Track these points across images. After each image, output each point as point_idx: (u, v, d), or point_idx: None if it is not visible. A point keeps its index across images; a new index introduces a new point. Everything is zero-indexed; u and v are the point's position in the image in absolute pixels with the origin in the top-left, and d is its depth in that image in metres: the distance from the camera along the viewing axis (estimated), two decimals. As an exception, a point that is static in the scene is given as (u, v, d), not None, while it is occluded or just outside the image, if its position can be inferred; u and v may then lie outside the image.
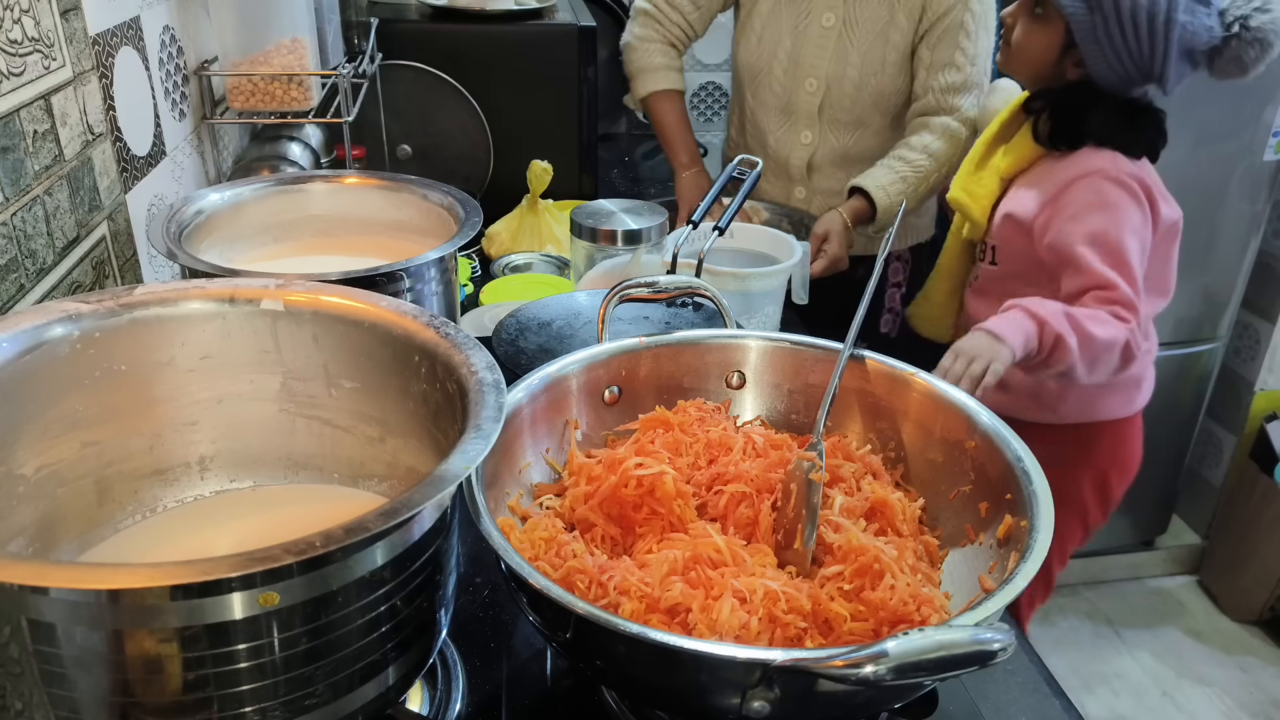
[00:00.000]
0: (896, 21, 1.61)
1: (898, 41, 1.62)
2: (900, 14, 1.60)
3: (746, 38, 1.74)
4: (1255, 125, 2.17)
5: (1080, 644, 2.40)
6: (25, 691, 0.50)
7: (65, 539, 0.66)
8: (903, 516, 0.76)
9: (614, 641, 0.57)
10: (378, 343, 0.70)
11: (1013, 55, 1.47)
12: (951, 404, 0.78)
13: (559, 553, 0.70)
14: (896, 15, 1.61)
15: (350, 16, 1.64)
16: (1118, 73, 1.36)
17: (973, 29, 1.59)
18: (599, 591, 0.66)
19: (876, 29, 1.62)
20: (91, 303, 0.66)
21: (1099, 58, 1.36)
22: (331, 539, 0.47)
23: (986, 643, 0.51)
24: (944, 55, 1.60)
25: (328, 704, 0.55)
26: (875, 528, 0.75)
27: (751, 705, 0.54)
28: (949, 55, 1.60)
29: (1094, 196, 1.38)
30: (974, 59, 1.61)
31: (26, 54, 0.83)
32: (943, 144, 1.62)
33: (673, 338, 0.87)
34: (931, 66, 1.62)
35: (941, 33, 1.59)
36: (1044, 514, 0.65)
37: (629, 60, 1.79)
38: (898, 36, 1.62)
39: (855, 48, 1.63)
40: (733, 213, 1.13)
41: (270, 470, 0.76)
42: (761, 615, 0.63)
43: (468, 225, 0.98)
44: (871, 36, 1.62)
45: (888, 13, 1.61)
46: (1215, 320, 2.40)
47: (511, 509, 0.75)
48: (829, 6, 1.63)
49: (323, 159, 1.43)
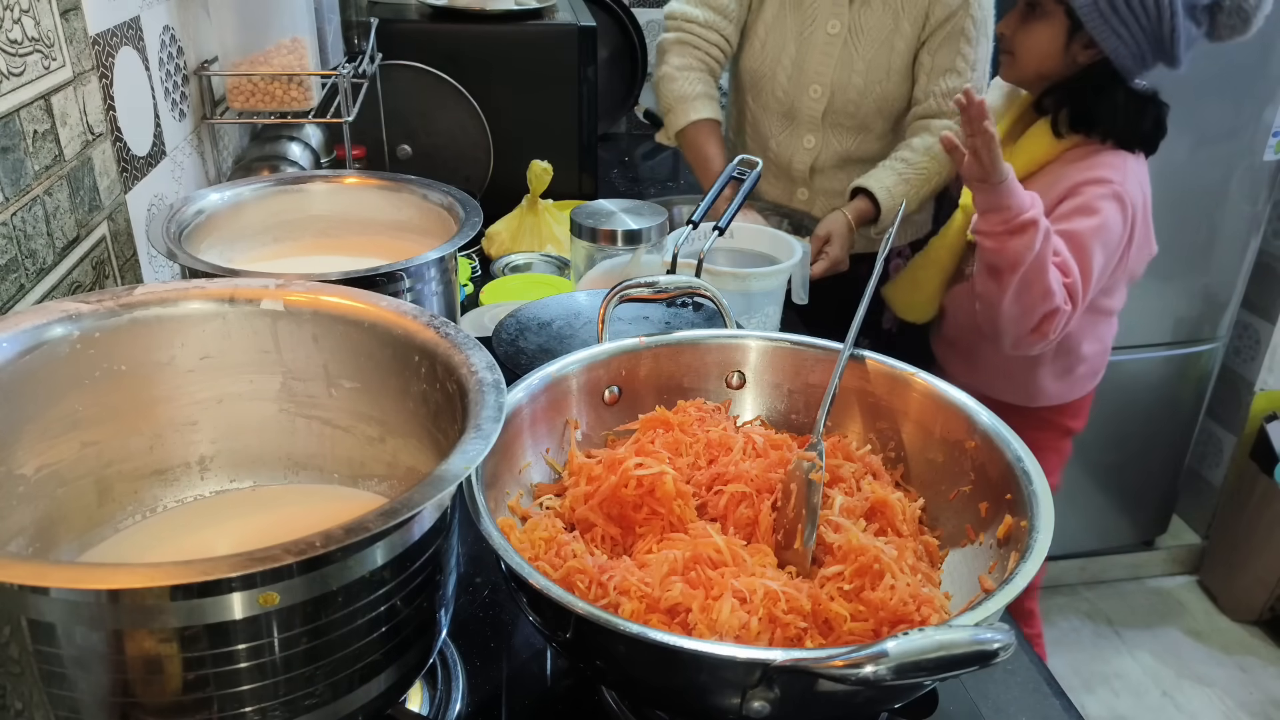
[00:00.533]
0: (901, 29, 1.61)
1: (902, 49, 1.62)
2: (905, 21, 1.61)
3: (750, 43, 1.73)
4: (1255, 125, 2.17)
5: (1080, 644, 2.40)
6: (25, 691, 0.50)
7: (65, 539, 0.66)
8: (903, 516, 0.76)
9: (614, 641, 0.57)
10: (378, 343, 0.70)
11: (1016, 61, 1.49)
12: (951, 404, 0.78)
13: (559, 553, 0.70)
14: (901, 23, 1.61)
15: (350, 16, 1.64)
16: (1129, 45, 1.38)
17: (974, 35, 1.60)
18: (599, 591, 0.66)
19: (881, 36, 1.62)
20: (91, 303, 0.66)
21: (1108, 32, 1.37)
22: (331, 539, 0.47)
23: (986, 643, 0.51)
24: (945, 60, 1.61)
25: (328, 704, 0.55)
26: (875, 528, 0.75)
27: (751, 705, 0.54)
28: (950, 60, 1.60)
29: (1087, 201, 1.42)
30: (974, 64, 1.62)
31: (26, 54, 0.83)
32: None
33: (673, 338, 0.87)
34: (932, 71, 1.62)
35: (944, 38, 1.60)
36: (1044, 514, 0.65)
37: (668, 92, 1.69)
38: (902, 44, 1.62)
39: (860, 55, 1.63)
40: (732, 213, 1.13)
41: (270, 470, 0.76)
42: (761, 615, 0.63)
43: (468, 225, 0.98)
44: (876, 44, 1.63)
45: (892, 20, 1.61)
46: (1215, 320, 2.40)
47: (511, 509, 0.75)
48: (834, 13, 1.63)
49: (323, 159, 1.43)
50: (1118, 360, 2.36)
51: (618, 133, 2.50)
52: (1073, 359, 1.61)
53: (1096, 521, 2.58)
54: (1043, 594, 2.51)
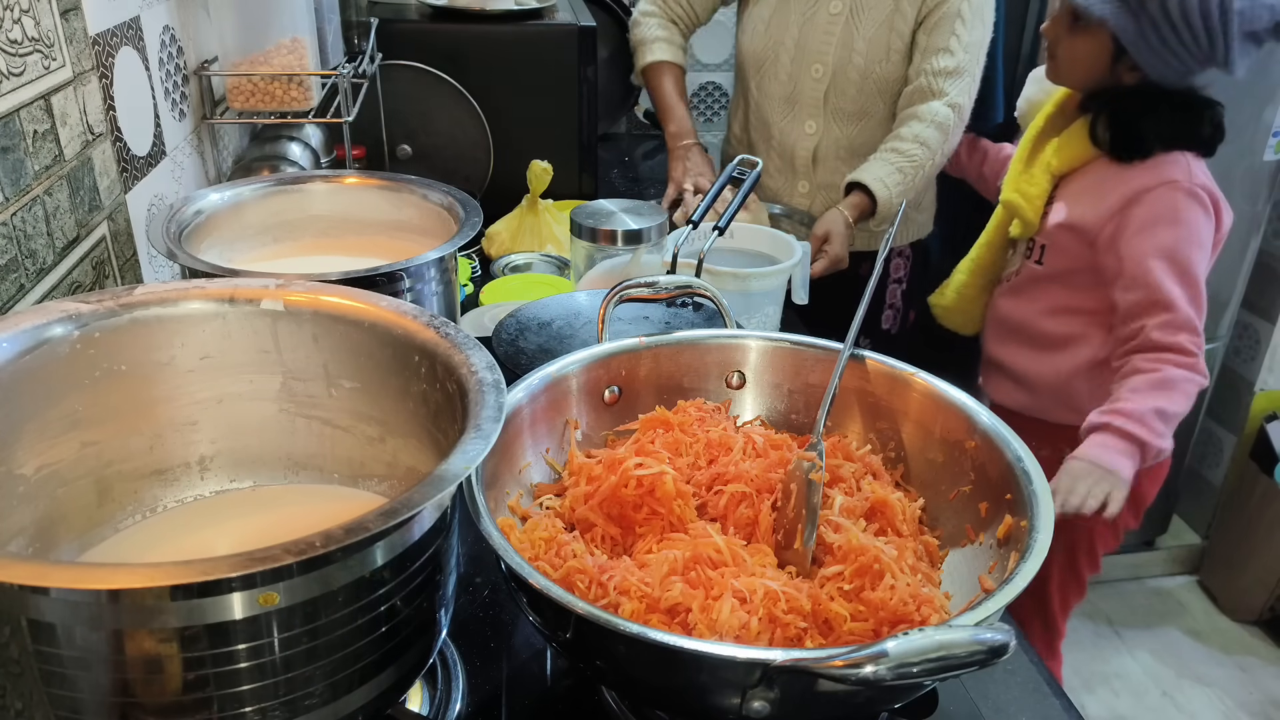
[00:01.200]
0: (901, 9, 1.63)
1: (902, 30, 1.64)
2: (904, 2, 1.63)
3: (753, 25, 1.76)
4: (1255, 125, 2.17)
5: (1080, 644, 2.40)
6: (25, 691, 0.50)
7: (65, 539, 0.66)
8: (903, 516, 0.76)
9: (614, 641, 0.57)
10: (378, 343, 0.70)
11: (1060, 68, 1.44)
12: (951, 404, 0.78)
13: (559, 553, 0.70)
14: (901, 3, 1.63)
15: (350, 16, 1.64)
16: (1177, 70, 1.33)
17: (969, 18, 1.61)
18: (599, 591, 0.66)
19: (882, 17, 1.64)
20: (91, 303, 0.66)
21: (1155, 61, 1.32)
22: (331, 539, 0.47)
23: (986, 643, 0.51)
24: (939, 40, 1.62)
25: (328, 704, 0.55)
26: (875, 528, 0.75)
27: (752, 705, 0.54)
28: (944, 40, 1.62)
29: (1165, 210, 1.35)
30: (968, 47, 1.63)
31: (26, 54, 0.83)
32: (933, 132, 1.63)
33: (673, 338, 0.87)
34: (926, 50, 1.64)
35: (939, 19, 1.62)
36: (1044, 514, 0.65)
37: (633, 35, 1.85)
38: (902, 25, 1.64)
39: (861, 34, 1.65)
40: (732, 212, 1.13)
41: (270, 470, 0.76)
42: (761, 615, 0.63)
43: (468, 225, 0.98)
44: (877, 24, 1.65)
45: (893, 1, 1.63)
46: (1215, 320, 2.40)
47: (511, 509, 0.75)
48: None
49: (323, 159, 1.43)
50: (1118, 360, 2.36)
51: (618, 133, 2.50)
52: None
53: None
54: (1043, 594, 2.50)
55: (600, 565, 0.68)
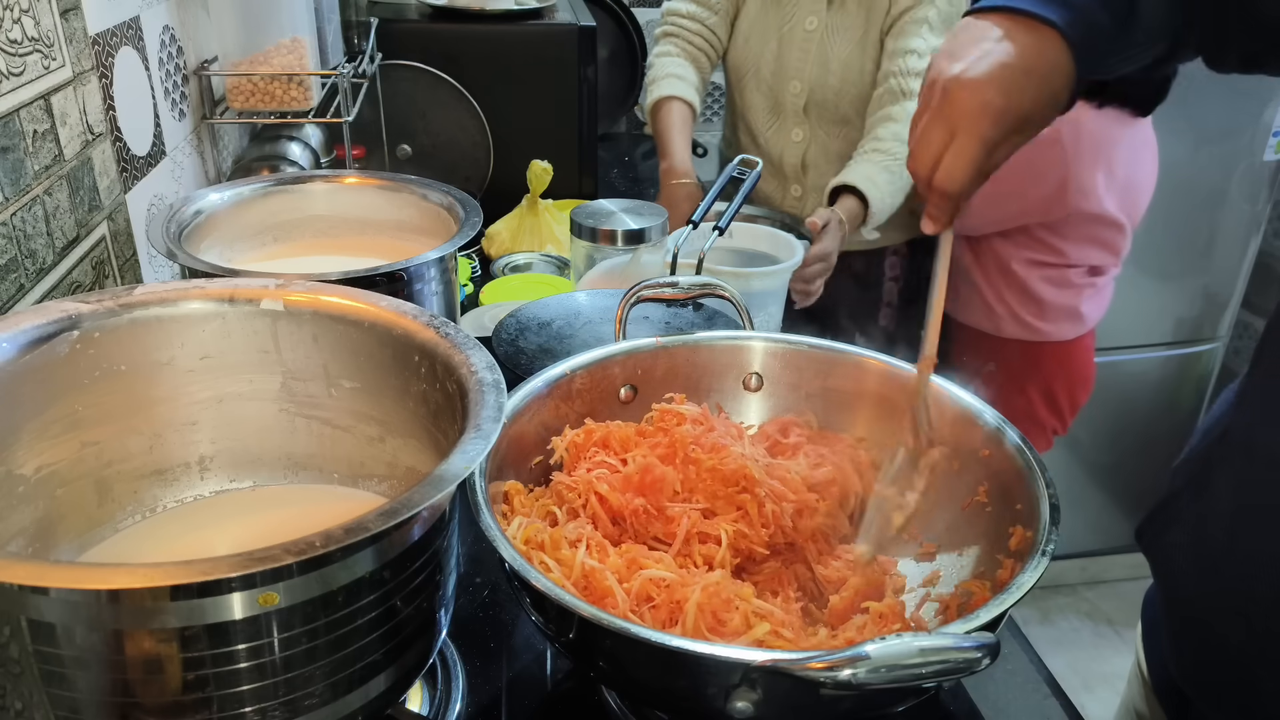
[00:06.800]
0: (870, 28, 1.63)
1: (873, 50, 1.64)
2: (874, 22, 1.62)
3: (736, 39, 1.75)
4: (1255, 125, 2.17)
5: (1080, 644, 2.40)
6: (25, 691, 0.50)
7: (65, 539, 0.66)
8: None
9: (614, 642, 0.56)
10: (377, 343, 0.70)
11: None
12: (965, 411, 0.77)
13: (560, 553, 0.69)
14: (870, 23, 1.63)
15: (350, 16, 1.64)
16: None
17: (936, 24, 1.61)
18: (600, 592, 0.66)
19: (856, 36, 1.64)
20: (91, 303, 0.66)
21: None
22: (331, 539, 0.47)
23: (968, 650, 0.50)
24: (905, 43, 1.61)
25: (328, 704, 0.55)
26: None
27: (735, 705, 0.54)
28: (910, 43, 1.61)
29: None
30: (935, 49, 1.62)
31: (26, 54, 0.83)
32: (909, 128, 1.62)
33: (688, 338, 0.87)
34: (893, 53, 1.62)
35: (904, 25, 1.61)
36: (1052, 526, 0.64)
37: (648, 78, 1.76)
38: (872, 46, 1.64)
39: (835, 54, 1.65)
40: (732, 212, 1.13)
41: (270, 470, 0.76)
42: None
43: (468, 225, 0.98)
44: (851, 43, 1.64)
45: (864, 20, 1.63)
46: (1215, 320, 2.40)
47: (513, 509, 0.75)
48: (812, 10, 1.65)
49: (323, 159, 1.43)
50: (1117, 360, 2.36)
51: (618, 133, 2.50)
52: None
53: (1096, 521, 2.58)
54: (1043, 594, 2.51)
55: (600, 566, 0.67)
